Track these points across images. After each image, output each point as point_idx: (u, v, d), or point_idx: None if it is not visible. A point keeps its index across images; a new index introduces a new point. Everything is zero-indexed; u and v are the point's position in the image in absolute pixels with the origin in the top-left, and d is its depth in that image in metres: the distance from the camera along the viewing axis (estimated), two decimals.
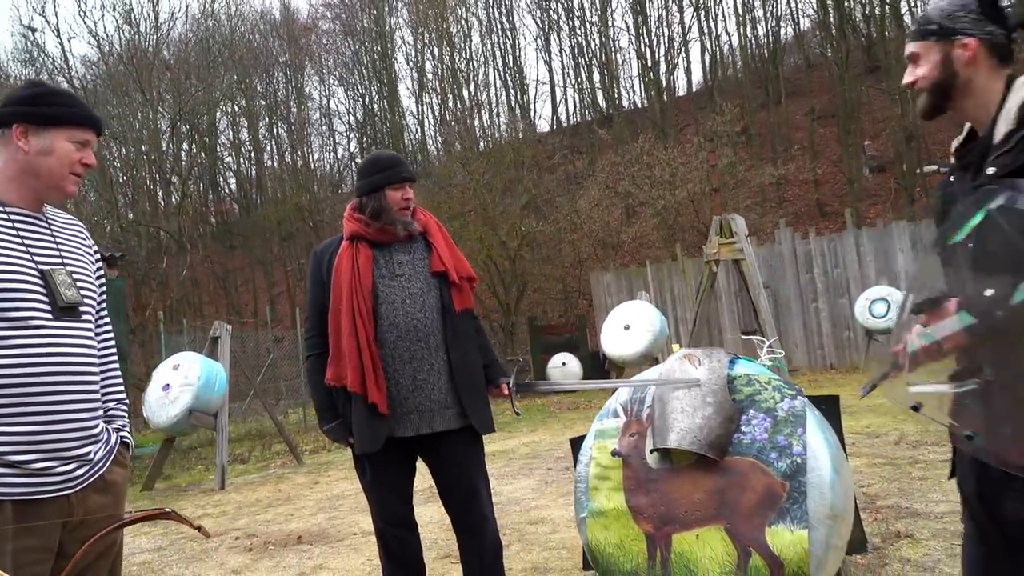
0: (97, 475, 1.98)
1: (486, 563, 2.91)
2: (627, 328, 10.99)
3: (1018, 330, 1.52)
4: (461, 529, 2.96)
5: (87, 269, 2.07)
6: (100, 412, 2.02)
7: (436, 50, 29.10)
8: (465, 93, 28.88)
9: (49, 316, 1.89)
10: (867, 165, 21.63)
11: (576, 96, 30.05)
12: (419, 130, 30.53)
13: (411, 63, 30.74)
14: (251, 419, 14.98)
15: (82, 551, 1.89)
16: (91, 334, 2.00)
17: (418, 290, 2.86)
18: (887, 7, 22.83)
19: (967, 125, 1.89)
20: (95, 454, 1.99)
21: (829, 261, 14.56)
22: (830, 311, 14.45)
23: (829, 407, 3.52)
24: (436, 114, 29.80)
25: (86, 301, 2.01)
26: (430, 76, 29.71)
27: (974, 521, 1.98)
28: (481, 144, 26.08)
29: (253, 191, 32.20)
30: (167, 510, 2.01)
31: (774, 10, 27.43)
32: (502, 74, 30.05)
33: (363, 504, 6.48)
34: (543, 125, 30.25)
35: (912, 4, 23.82)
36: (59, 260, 1.97)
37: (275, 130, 31.91)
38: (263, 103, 31.01)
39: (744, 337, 15.52)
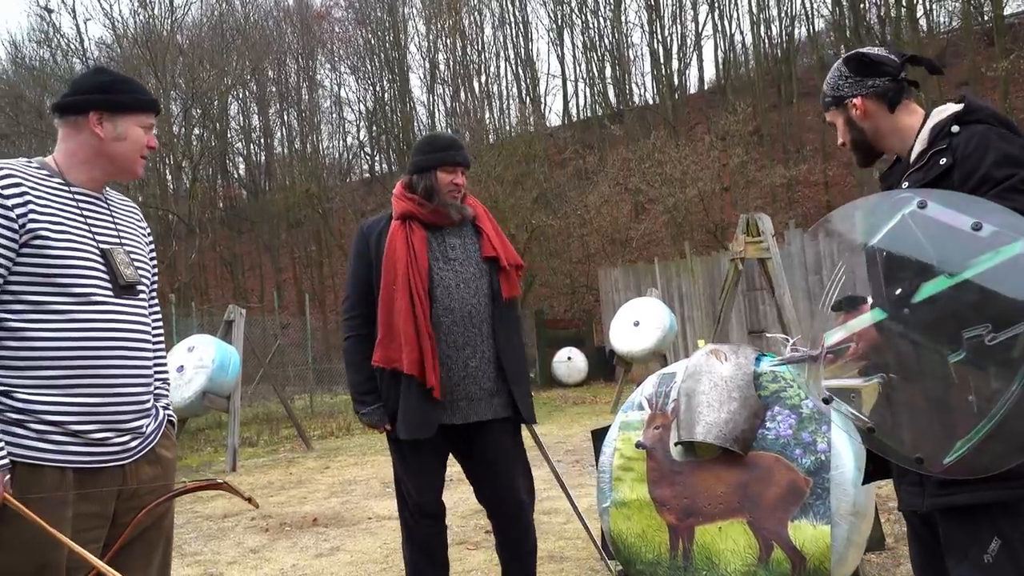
0: (148, 448, 2.04)
1: (523, 552, 2.91)
2: (636, 324, 11.04)
3: (917, 327, 1.63)
4: (498, 519, 2.94)
5: (142, 249, 2.13)
6: (151, 388, 2.08)
7: (448, 41, 29.11)
8: (476, 85, 28.91)
9: (109, 293, 1.95)
10: (878, 169, 21.59)
11: (588, 91, 30.07)
12: (430, 121, 30.56)
13: (423, 53, 30.77)
14: (257, 403, 15.07)
15: (140, 517, 1.97)
16: (146, 312, 2.06)
17: (471, 275, 2.84)
18: (903, 9, 22.77)
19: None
20: (147, 427, 2.05)
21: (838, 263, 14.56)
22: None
23: None
24: (447, 106, 29.83)
25: (142, 280, 2.06)
26: (442, 67, 29.73)
27: (907, 519, 2.10)
28: (492, 137, 26.14)
29: (262, 177, 32.27)
30: (219, 481, 2.08)
31: (788, 10, 27.39)
32: (514, 67, 30.07)
33: (376, 490, 6.56)
34: (554, 119, 30.27)
35: (928, 8, 23.80)
36: (117, 240, 2.03)
37: (285, 117, 31.98)
38: (274, 90, 31.05)
39: (751, 334, 15.59)
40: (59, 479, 1.84)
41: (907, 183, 1.87)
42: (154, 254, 2.23)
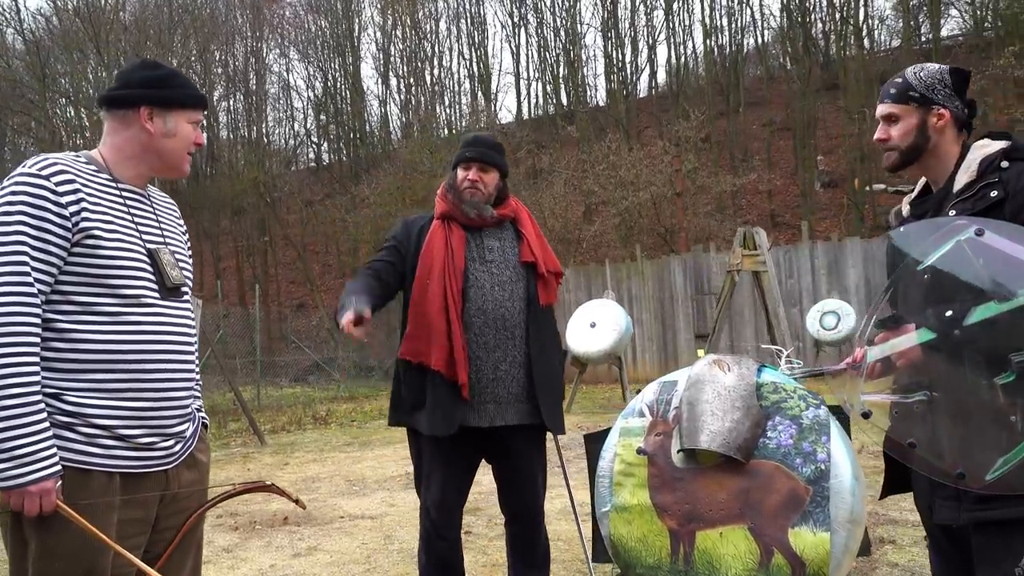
0: (188, 452, 2.01)
1: (539, 559, 2.92)
2: (593, 326, 11.16)
3: (968, 348, 1.73)
4: (517, 526, 2.92)
5: (183, 249, 2.09)
6: (193, 391, 2.05)
7: (401, 31, 28.86)
8: (428, 78, 28.74)
9: (157, 296, 1.91)
10: (819, 180, 22.26)
11: (541, 90, 30.17)
12: (382, 112, 30.28)
13: (376, 44, 30.44)
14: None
15: (192, 520, 1.95)
16: (191, 314, 2.03)
17: (507, 278, 2.83)
18: (849, 26, 23.49)
19: (922, 180, 2.15)
20: (188, 432, 2.02)
21: (784, 271, 14.97)
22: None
23: None
24: (400, 98, 29.58)
25: (187, 282, 2.03)
26: (395, 58, 29.46)
27: (931, 535, 2.24)
28: (444, 131, 26.02)
29: (204, 162, 31.48)
30: (268, 483, 2.07)
31: (739, 21, 27.97)
32: (468, 62, 29.98)
33: (342, 488, 6.50)
34: (506, 115, 30.29)
35: (872, 27, 24.59)
36: (162, 240, 2.00)
37: (231, 101, 31.25)
38: (220, 71, 30.30)
39: (696, 338, 15.91)
40: (106, 484, 1.81)
41: (954, 212, 1.94)
42: (190, 252, 2.19)
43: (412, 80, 28.12)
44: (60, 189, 1.77)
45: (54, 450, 1.71)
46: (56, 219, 1.75)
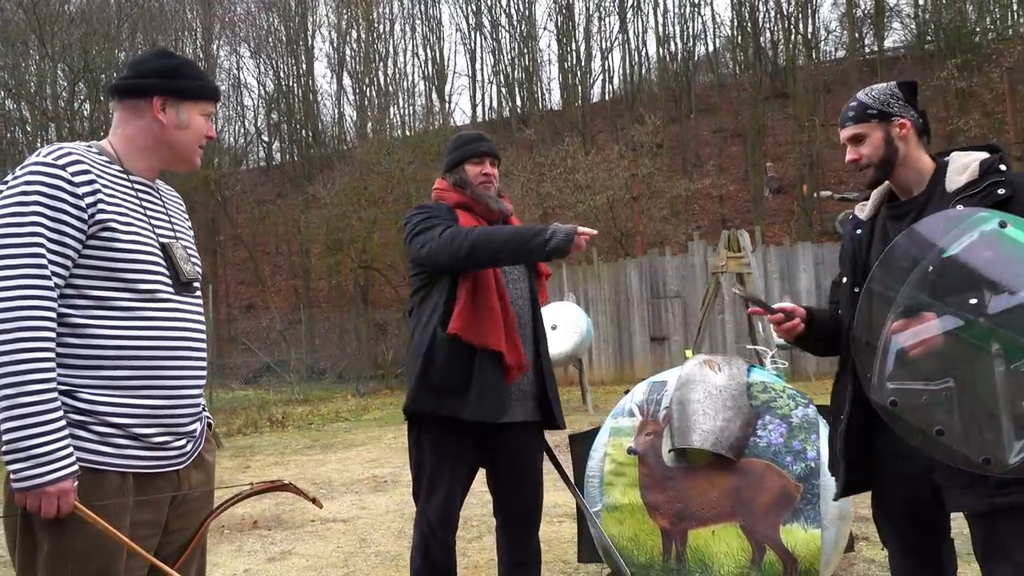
0: (197, 452, 1.96)
1: (533, 557, 2.90)
2: (554, 328, 11.18)
3: (992, 335, 1.78)
4: (514, 524, 2.88)
5: (192, 243, 2.04)
6: (202, 389, 1.99)
7: (355, 32, 28.61)
8: (383, 78, 28.52)
9: (171, 290, 1.85)
10: (768, 186, 22.72)
11: (495, 93, 30.18)
12: (336, 112, 29.94)
13: (330, 43, 30.10)
14: None
15: (211, 519, 1.90)
16: (202, 310, 1.97)
17: (515, 276, 2.83)
18: (798, 36, 24.05)
19: (885, 187, 2.25)
20: (197, 431, 1.97)
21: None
22: (735, 323, 15.12)
23: None
24: (353, 97, 29.29)
25: (199, 276, 1.98)
26: (349, 59, 29.17)
27: (900, 537, 2.28)
28: (398, 132, 25.83)
29: None
30: (285, 482, 2.03)
31: (691, 29, 28.43)
32: (423, 63, 29.85)
33: (310, 491, 6.40)
34: (461, 117, 30.22)
35: (819, 37, 25.20)
36: (173, 234, 1.94)
37: None
38: None
39: (654, 339, 16.08)
40: (120, 484, 1.75)
41: (961, 207, 1.99)
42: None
43: (367, 80, 27.87)
44: (76, 180, 1.71)
45: (71, 449, 1.65)
46: (73, 210, 1.69)
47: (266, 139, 31.57)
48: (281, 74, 29.63)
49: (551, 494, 4.01)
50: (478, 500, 5.57)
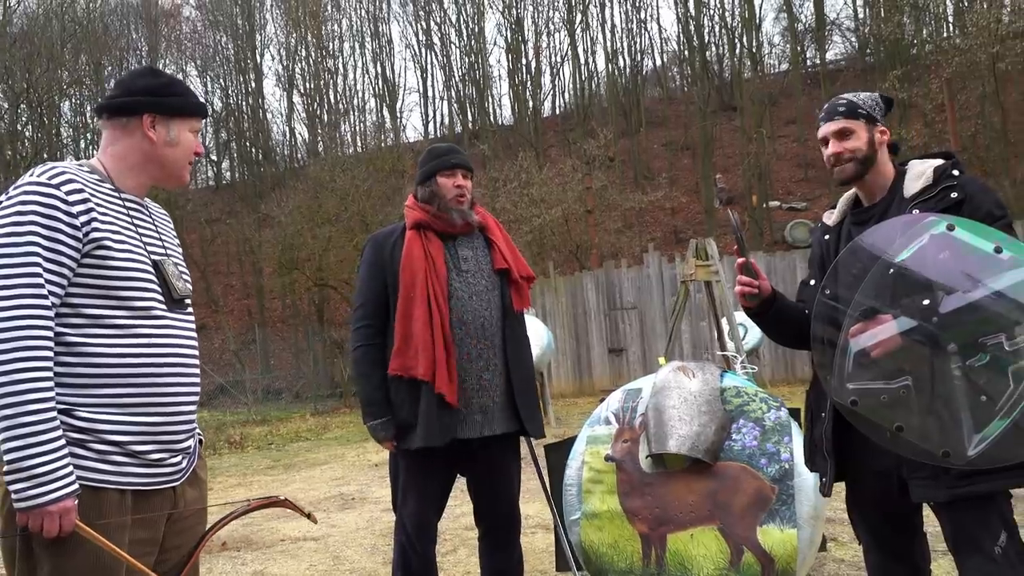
0: (191, 469, 1.96)
1: (513, 566, 2.91)
2: None
3: (944, 334, 1.88)
4: (494, 534, 2.91)
5: (181, 260, 2.04)
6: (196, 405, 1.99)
7: (304, 50, 28.45)
8: (333, 95, 28.40)
9: (164, 308, 1.85)
10: (718, 197, 23.18)
11: (447, 109, 30.28)
12: (287, 129, 29.70)
13: (280, 61, 29.89)
14: None
15: (210, 535, 1.89)
16: (194, 327, 1.97)
17: (483, 287, 2.82)
18: (744, 49, 24.63)
19: (852, 192, 2.38)
20: (192, 447, 1.97)
21: (693, 285, 15.45)
22: (691, 333, 15.33)
23: None
24: (304, 115, 29.08)
25: (190, 293, 1.98)
26: (298, 76, 28.99)
27: (873, 532, 2.37)
28: (350, 149, 25.72)
29: None
30: (281, 498, 2.03)
31: (638, 44, 28.90)
32: (373, 80, 29.82)
33: (277, 511, 6.32)
34: (413, 133, 30.23)
35: (762, 52, 25.85)
36: (163, 251, 1.94)
37: None
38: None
39: (612, 351, 16.25)
40: (118, 502, 1.74)
41: (917, 211, 2.11)
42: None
43: (318, 98, 27.73)
44: (71, 198, 1.70)
45: (71, 468, 1.63)
46: (68, 229, 1.68)
47: (215, 158, 31.14)
48: (230, 91, 29.33)
49: (524, 505, 4.04)
50: (449, 514, 5.58)
